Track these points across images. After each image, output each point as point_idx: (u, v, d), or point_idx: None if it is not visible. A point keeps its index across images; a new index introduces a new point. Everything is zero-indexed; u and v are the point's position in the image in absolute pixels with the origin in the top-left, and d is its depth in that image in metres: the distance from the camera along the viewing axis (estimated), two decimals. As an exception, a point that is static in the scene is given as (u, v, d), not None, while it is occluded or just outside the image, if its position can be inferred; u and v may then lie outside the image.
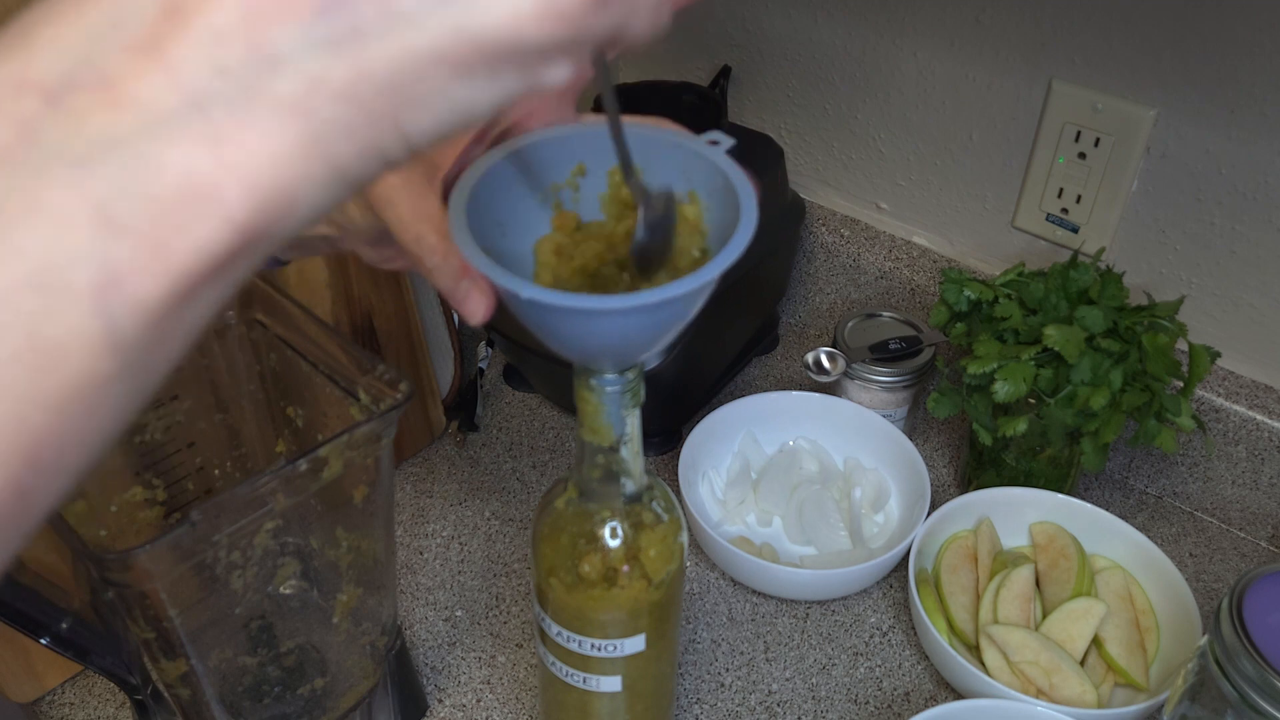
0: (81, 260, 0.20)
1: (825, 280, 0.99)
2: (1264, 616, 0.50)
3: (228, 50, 0.20)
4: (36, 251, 0.19)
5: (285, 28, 0.21)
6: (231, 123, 0.21)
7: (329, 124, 0.22)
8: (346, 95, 0.21)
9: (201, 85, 0.20)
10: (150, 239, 0.20)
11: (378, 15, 0.21)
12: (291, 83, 0.21)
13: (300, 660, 0.61)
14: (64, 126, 0.20)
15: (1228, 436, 0.79)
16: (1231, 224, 0.76)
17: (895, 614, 0.75)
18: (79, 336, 0.20)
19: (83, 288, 0.20)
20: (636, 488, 0.48)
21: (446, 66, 0.22)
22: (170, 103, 0.20)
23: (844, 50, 0.91)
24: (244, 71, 0.20)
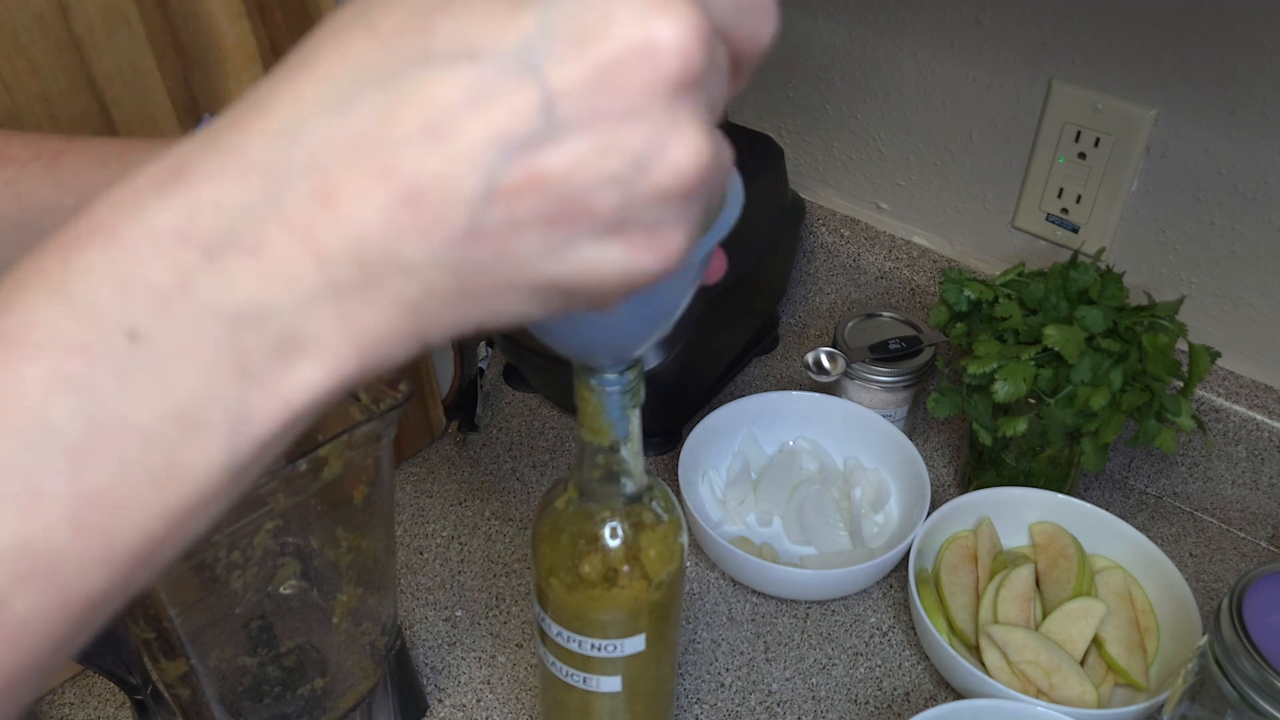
0: (221, 404, 0.23)
1: (825, 280, 0.99)
2: (1264, 616, 0.50)
3: (368, 249, 0.23)
4: (185, 390, 0.23)
5: (419, 246, 0.23)
6: (358, 306, 0.24)
7: (430, 319, 0.25)
8: (450, 304, 0.25)
9: (340, 273, 0.23)
10: (277, 388, 0.24)
11: (496, 256, 0.24)
12: (412, 288, 0.24)
13: (300, 660, 0.61)
14: (218, 285, 0.23)
15: (1228, 436, 0.79)
16: (1231, 224, 0.76)
17: (895, 614, 0.75)
18: (208, 465, 0.23)
19: (218, 425, 0.23)
20: (636, 488, 0.48)
21: (535, 298, 0.26)
22: (312, 282, 0.23)
23: (844, 50, 0.91)
24: (377, 270, 0.23)
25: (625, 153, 0.23)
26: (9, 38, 0.56)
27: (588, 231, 0.24)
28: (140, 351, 0.22)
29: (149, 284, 0.22)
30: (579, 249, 0.24)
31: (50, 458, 0.22)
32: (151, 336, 0.22)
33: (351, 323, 0.24)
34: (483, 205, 0.23)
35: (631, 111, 0.23)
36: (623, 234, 0.24)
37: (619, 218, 0.24)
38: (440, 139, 0.22)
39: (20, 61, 0.57)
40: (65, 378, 0.22)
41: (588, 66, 0.22)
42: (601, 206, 0.24)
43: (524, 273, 0.24)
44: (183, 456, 0.23)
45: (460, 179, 0.22)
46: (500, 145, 0.22)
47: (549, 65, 0.22)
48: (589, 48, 0.22)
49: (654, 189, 0.24)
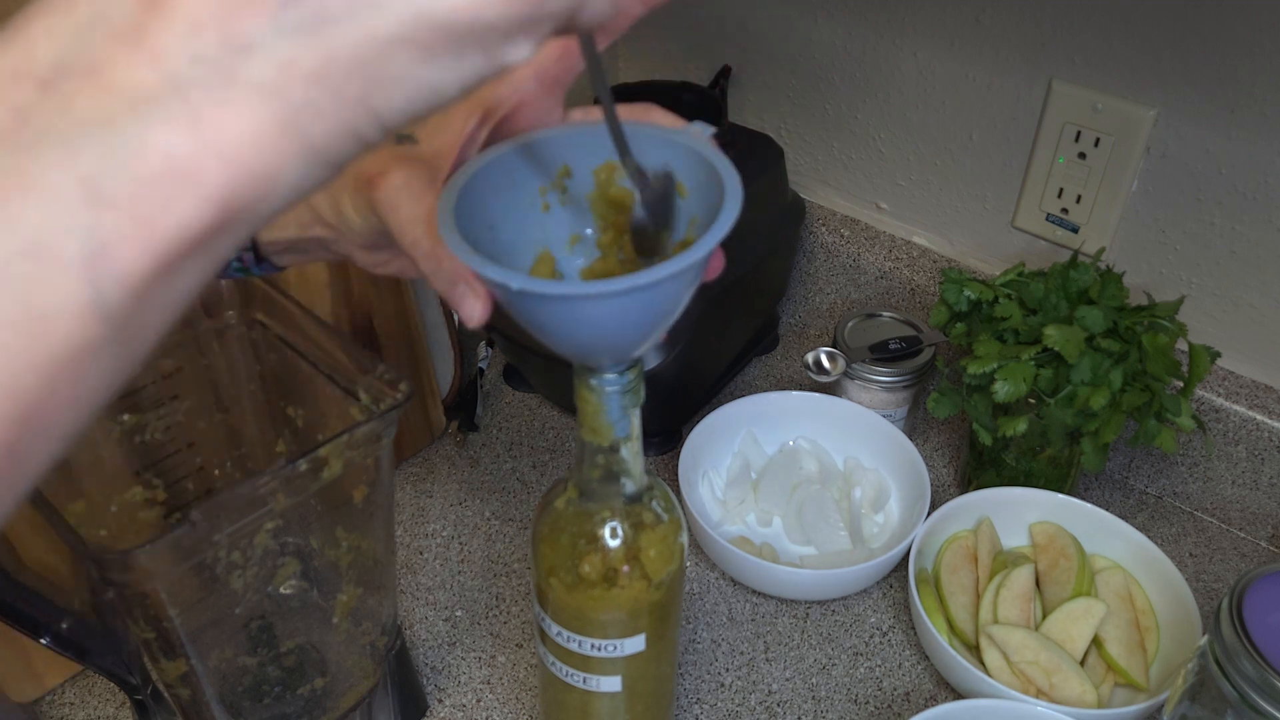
0: (72, 232, 0.21)
1: (825, 280, 0.99)
2: (1264, 616, 0.50)
3: (203, 39, 0.22)
4: (30, 224, 0.21)
5: (256, 17, 0.22)
6: (209, 105, 0.22)
7: (301, 105, 0.23)
8: (316, 77, 0.23)
9: (180, 71, 0.22)
10: (135, 213, 0.21)
11: (342, 1, 0.22)
12: (263, 67, 0.22)
13: (300, 660, 0.61)
14: (55, 110, 0.21)
15: (1228, 436, 0.79)
16: (1231, 224, 0.76)
17: (895, 614, 0.75)
18: (69, 304, 0.21)
19: (73, 258, 0.21)
20: (636, 488, 0.48)
21: (411, 48, 0.23)
22: (152, 87, 0.21)
23: (844, 50, 0.91)
24: (219, 58, 0.22)
25: None
26: (9, 38, 0.56)
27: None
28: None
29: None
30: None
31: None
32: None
33: (206, 127, 0.22)
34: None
35: None
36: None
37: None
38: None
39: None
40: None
41: None
42: None
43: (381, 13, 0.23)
44: (39, 297, 0.21)
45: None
46: None
47: None
48: None
49: None
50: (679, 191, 0.39)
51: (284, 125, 0.23)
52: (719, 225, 0.34)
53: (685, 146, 0.38)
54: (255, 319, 0.62)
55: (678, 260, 0.33)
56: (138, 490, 0.64)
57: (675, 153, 0.38)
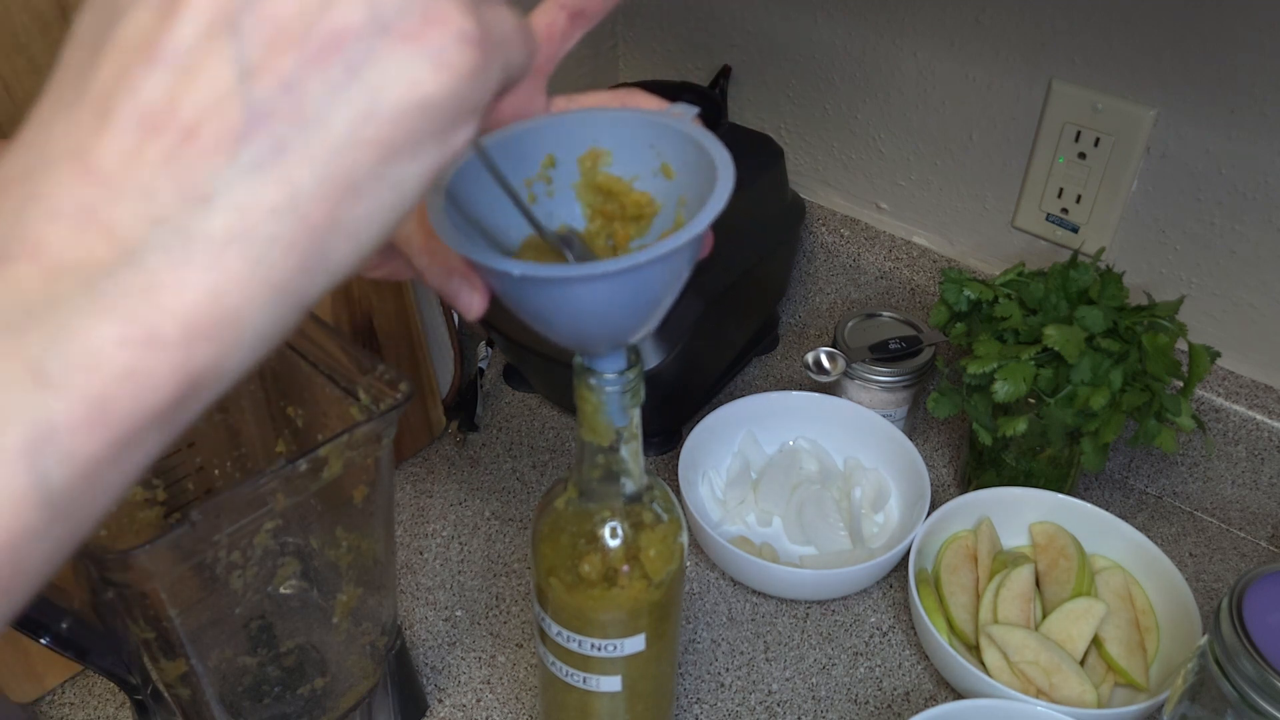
0: (13, 417, 0.19)
1: (825, 280, 0.99)
2: (1264, 616, 0.50)
3: (158, 202, 0.21)
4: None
5: (212, 162, 0.21)
6: (168, 268, 0.21)
7: (267, 242, 0.22)
8: (281, 210, 0.22)
9: (135, 238, 0.21)
10: (87, 393, 0.20)
11: (292, 123, 0.22)
12: (225, 215, 0.21)
13: (300, 660, 0.61)
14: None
15: (1228, 436, 0.79)
16: (1231, 224, 0.76)
17: (895, 614, 0.75)
18: (6, 494, 0.20)
19: (13, 445, 0.19)
20: (636, 488, 0.48)
21: (368, 151, 0.23)
22: (103, 259, 0.20)
23: (844, 50, 0.91)
24: (176, 216, 0.21)
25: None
26: (9, 38, 0.56)
27: (359, 51, 0.22)
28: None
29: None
30: (366, 71, 0.23)
31: None
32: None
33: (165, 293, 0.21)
34: (247, 84, 0.21)
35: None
36: (395, 32, 0.23)
37: (378, 22, 0.23)
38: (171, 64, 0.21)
39: (20, 61, 0.57)
40: None
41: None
42: (351, 19, 0.22)
43: (331, 128, 0.22)
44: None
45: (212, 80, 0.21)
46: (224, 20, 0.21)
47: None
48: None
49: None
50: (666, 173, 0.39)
51: (250, 269, 0.22)
52: (715, 199, 0.34)
53: (670, 127, 0.38)
54: (255, 319, 0.61)
55: (677, 236, 0.33)
56: (138, 490, 0.64)
57: (660, 134, 0.38)
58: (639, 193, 0.40)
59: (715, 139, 0.37)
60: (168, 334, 0.21)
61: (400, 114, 0.23)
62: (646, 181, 0.40)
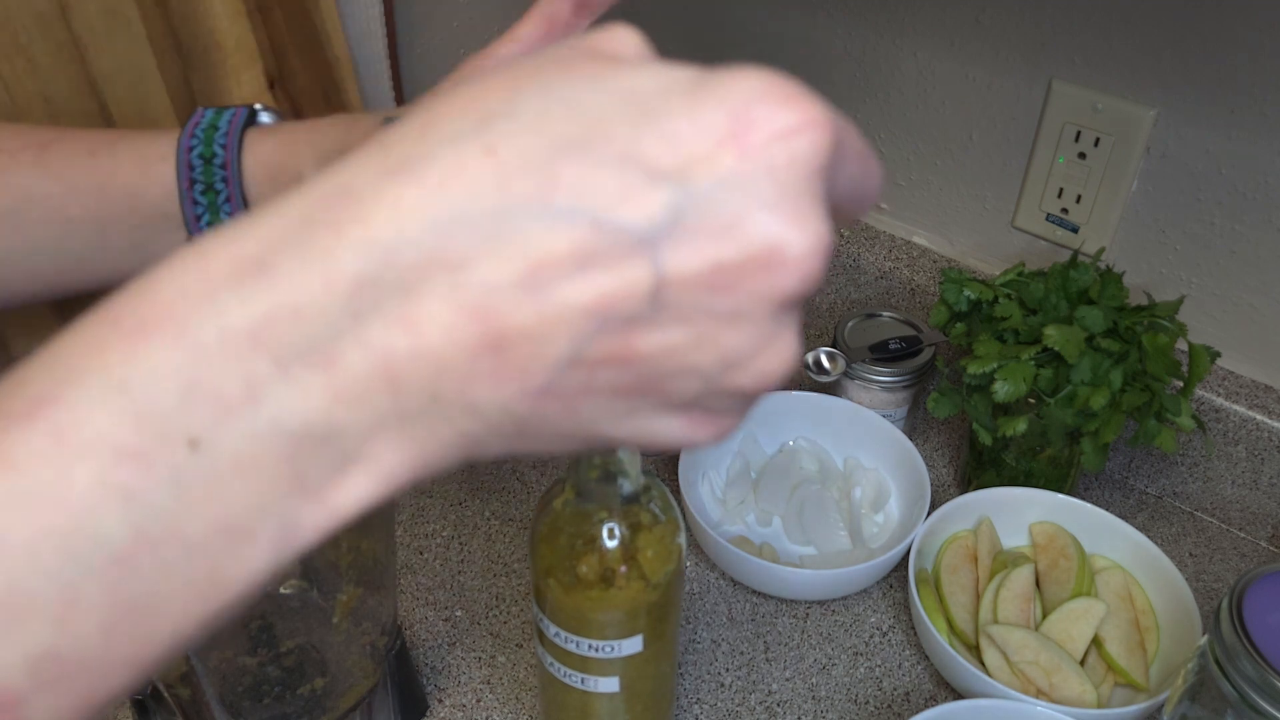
0: (272, 516, 0.22)
1: (825, 280, 0.99)
2: (1264, 616, 0.50)
3: (443, 383, 0.22)
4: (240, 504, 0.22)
5: (493, 392, 0.22)
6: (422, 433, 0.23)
7: (485, 449, 0.24)
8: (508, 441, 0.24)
9: (413, 402, 0.22)
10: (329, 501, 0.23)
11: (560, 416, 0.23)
12: (477, 426, 0.23)
13: (300, 660, 0.61)
14: (287, 399, 0.22)
15: (1228, 436, 0.79)
16: (1231, 224, 0.76)
17: (895, 614, 0.75)
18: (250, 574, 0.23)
19: (267, 537, 0.23)
20: (634, 488, 0.48)
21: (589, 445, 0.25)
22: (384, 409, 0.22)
23: (844, 50, 0.91)
24: (448, 404, 0.23)
25: (719, 351, 0.23)
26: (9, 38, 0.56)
27: (655, 407, 0.24)
28: (199, 462, 0.21)
29: (216, 390, 0.21)
30: (641, 418, 0.24)
31: (94, 567, 0.21)
32: (212, 446, 0.21)
33: (412, 445, 0.23)
34: (564, 369, 0.22)
35: (737, 315, 0.22)
36: (688, 413, 0.25)
37: (690, 399, 0.24)
38: (539, 293, 0.21)
39: (20, 61, 0.57)
40: (118, 485, 0.21)
41: (707, 261, 0.22)
42: (679, 392, 0.24)
43: (583, 428, 0.24)
44: (226, 566, 0.22)
45: (549, 340, 0.22)
46: (599, 316, 0.22)
47: (669, 249, 0.21)
48: (714, 242, 0.22)
49: (736, 388, 0.24)
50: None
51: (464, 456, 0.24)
52: None
53: None
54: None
55: None
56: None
57: None
58: None
59: None
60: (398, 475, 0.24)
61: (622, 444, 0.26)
62: None
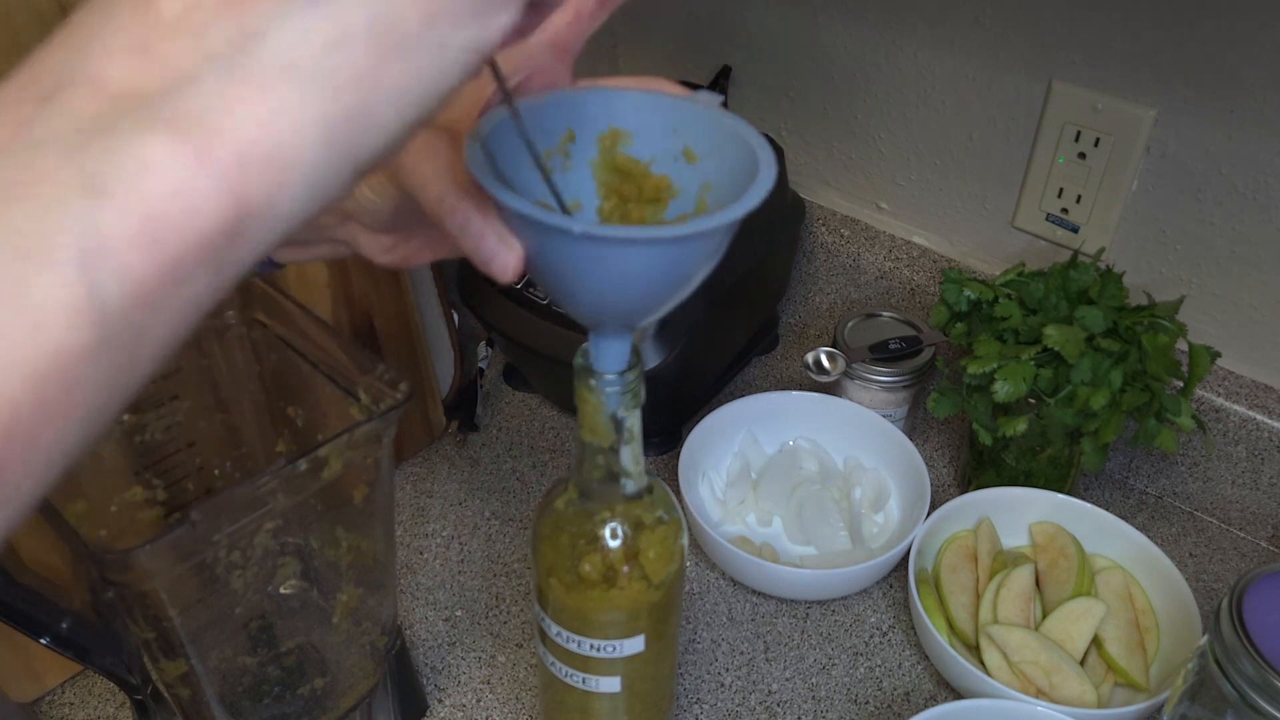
0: (68, 228, 0.20)
1: (825, 280, 0.99)
2: (1264, 616, 0.50)
3: (211, 37, 0.21)
4: (22, 222, 0.19)
5: (266, 5, 0.21)
6: (219, 94, 0.21)
7: (316, 80, 0.22)
8: (331, 47, 0.22)
9: (187, 68, 0.21)
10: (139, 209, 0.20)
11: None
12: (276, 49, 0.21)
13: (300, 660, 0.61)
14: (55, 119, 0.21)
15: (1228, 436, 0.79)
16: (1231, 224, 0.76)
17: (895, 614, 0.75)
18: (61, 303, 0.20)
19: (68, 253, 0.20)
20: (636, 488, 0.48)
21: (416, 6, 0.23)
22: (157, 86, 0.21)
23: (844, 50, 0.91)
24: (229, 50, 0.21)
25: None
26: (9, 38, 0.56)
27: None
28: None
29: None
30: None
31: None
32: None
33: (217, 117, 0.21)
34: None
35: None
36: None
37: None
38: None
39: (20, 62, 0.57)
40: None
41: None
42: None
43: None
44: (30, 295, 0.19)
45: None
46: None
47: None
48: None
49: None
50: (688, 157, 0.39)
51: (300, 101, 0.22)
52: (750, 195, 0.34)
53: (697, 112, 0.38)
54: (255, 319, 0.62)
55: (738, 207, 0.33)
56: (138, 490, 0.64)
57: (684, 118, 0.38)
58: (658, 176, 0.39)
59: (746, 123, 0.37)
60: (218, 154, 0.21)
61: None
62: (665, 165, 0.39)
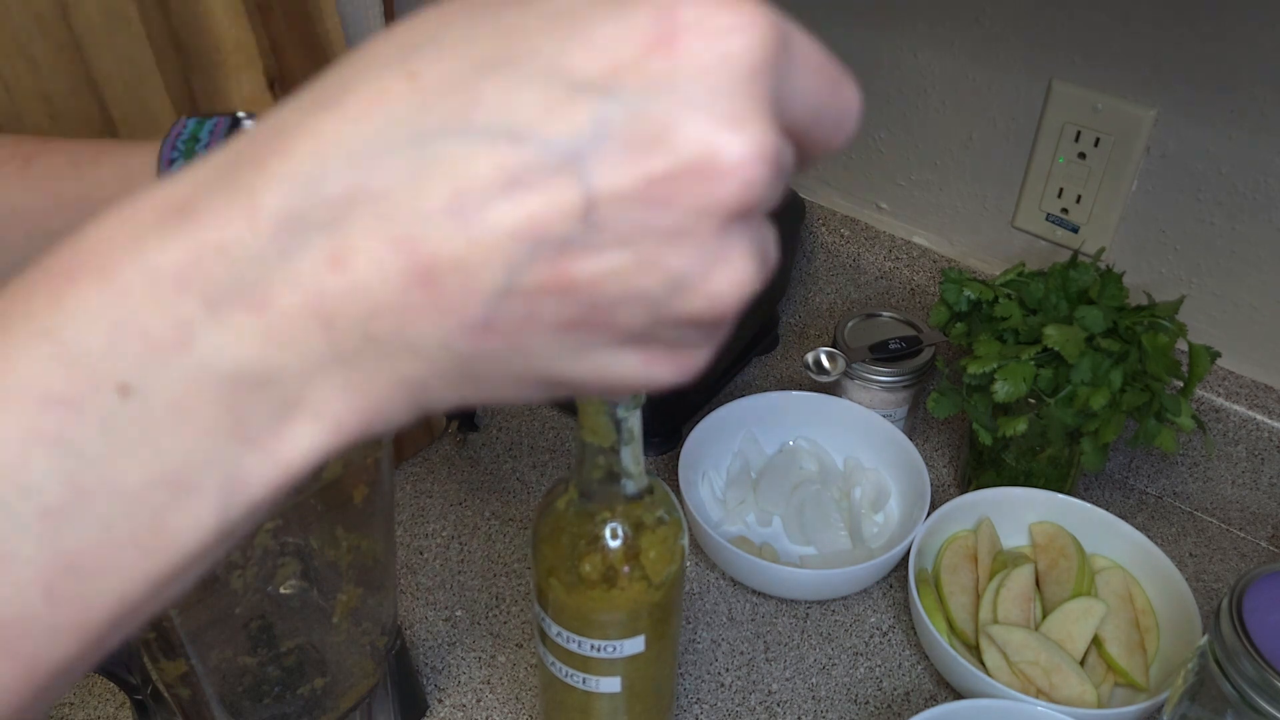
0: (215, 466, 0.21)
1: (825, 280, 0.99)
2: (1264, 616, 0.50)
3: (378, 323, 0.21)
4: (178, 452, 0.21)
5: (430, 328, 0.21)
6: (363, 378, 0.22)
7: (434, 395, 0.23)
8: (455, 386, 0.23)
9: (350, 344, 0.21)
10: (275, 453, 0.22)
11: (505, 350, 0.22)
12: (418, 368, 0.22)
13: (300, 660, 0.61)
14: (218, 340, 0.21)
15: (1228, 436, 0.79)
16: (1231, 224, 0.76)
17: (895, 614, 0.75)
18: (196, 529, 0.22)
19: (210, 489, 0.21)
20: (637, 488, 0.48)
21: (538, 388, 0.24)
22: (320, 351, 0.21)
23: (843, 50, 0.90)
24: (386, 345, 0.21)
25: (664, 273, 0.21)
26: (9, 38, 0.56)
27: (607, 341, 0.22)
28: (131, 408, 0.20)
29: (144, 333, 0.20)
30: (595, 355, 0.23)
31: (26, 519, 0.20)
32: (144, 392, 0.20)
33: (354, 391, 0.22)
34: (501, 299, 0.21)
35: (678, 232, 0.21)
36: (644, 347, 0.23)
37: (644, 333, 0.23)
38: (467, 219, 0.20)
39: (20, 61, 0.57)
40: (47, 432, 0.20)
41: (640, 174, 0.20)
42: (628, 322, 0.22)
43: (534, 368, 0.23)
44: (170, 520, 0.21)
45: (480, 268, 0.20)
46: (529, 240, 0.20)
47: (598, 164, 0.20)
48: (646, 154, 0.20)
49: (688, 315, 0.22)
50: None
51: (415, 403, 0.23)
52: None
53: None
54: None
55: None
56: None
57: None
58: None
59: None
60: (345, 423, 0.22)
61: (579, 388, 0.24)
62: None
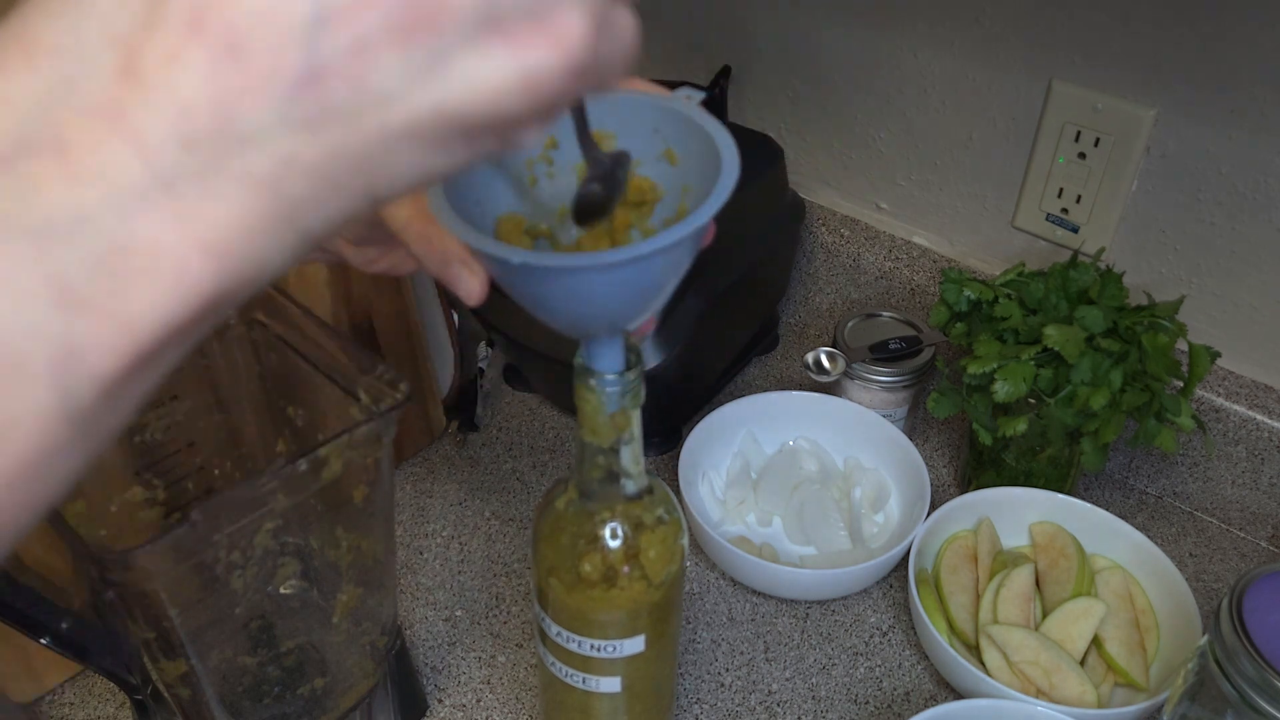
0: (39, 336, 0.19)
1: (825, 280, 0.99)
2: (1264, 616, 0.50)
3: (194, 124, 0.20)
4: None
5: (256, 105, 0.20)
6: (198, 198, 0.20)
7: (298, 199, 0.21)
8: (317, 173, 0.21)
9: (167, 159, 0.20)
10: (111, 313, 0.20)
11: (352, 95, 0.20)
12: (261, 161, 0.20)
13: (300, 660, 0.61)
14: (19, 194, 0.19)
15: (1228, 436, 0.79)
16: (1231, 224, 0.76)
17: (895, 614, 0.75)
18: (33, 412, 0.19)
19: (39, 364, 0.19)
20: (637, 488, 0.48)
21: (422, 141, 0.22)
22: (134, 175, 0.19)
23: (844, 50, 0.91)
24: (212, 147, 0.20)
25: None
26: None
27: (456, 37, 0.20)
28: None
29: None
30: (452, 62, 0.20)
31: None
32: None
33: (194, 221, 0.20)
34: (316, 33, 0.19)
35: None
36: (501, 30, 0.21)
37: (489, 10, 0.20)
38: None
39: None
40: None
41: None
42: (467, 5, 0.20)
43: (394, 110, 0.21)
44: (3, 405, 0.19)
45: (281, 7, 0.19)
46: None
47: None
48: None
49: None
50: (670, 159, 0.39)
51: (276, 217, 0.21)
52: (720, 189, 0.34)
53: (675, 112, 0.38)
54: (255, 319, 0.62)
55: (679, 228, 0.33)
56: (138, 490, 0.64)
57: (664, 118, 0.38)
58: (641, 178, 0.39)
59: (721, 126, 0.36)
60: (191, 260, 0.20)
61: (469, 116, 0.21)
62: (649, 167, 0.39)
